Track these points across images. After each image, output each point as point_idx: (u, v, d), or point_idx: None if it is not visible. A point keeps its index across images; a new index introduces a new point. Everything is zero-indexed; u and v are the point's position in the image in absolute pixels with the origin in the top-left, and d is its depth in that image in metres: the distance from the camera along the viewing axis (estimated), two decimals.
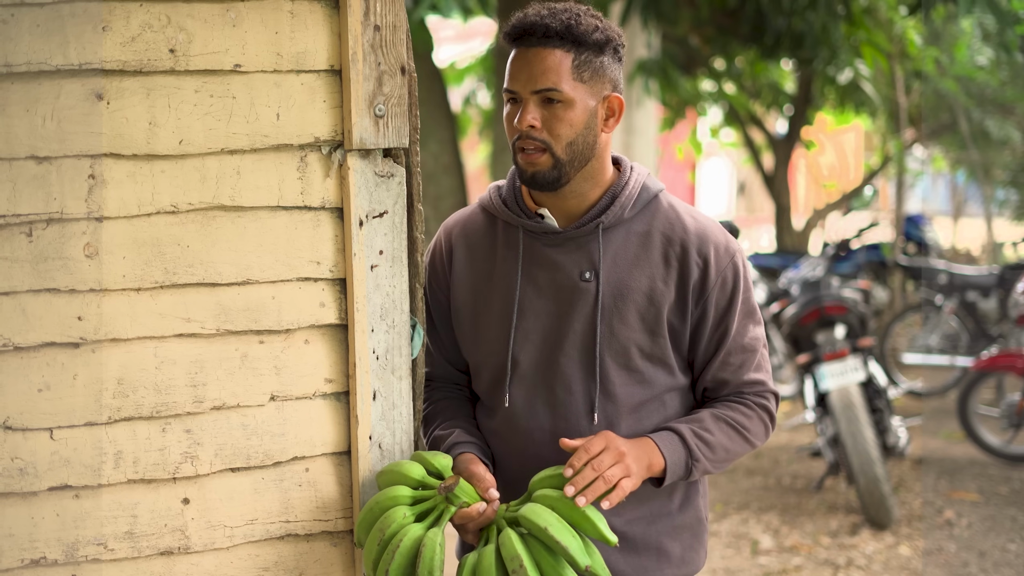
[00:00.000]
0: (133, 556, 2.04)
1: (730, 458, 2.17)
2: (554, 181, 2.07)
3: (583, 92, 2.04)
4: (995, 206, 15.89)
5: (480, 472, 2.06)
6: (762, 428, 2.20)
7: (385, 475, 2.08)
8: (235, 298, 2.07)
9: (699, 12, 8.25)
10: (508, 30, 2.07)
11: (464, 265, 2.22)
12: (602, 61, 2.06)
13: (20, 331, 1.95)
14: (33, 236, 1.95)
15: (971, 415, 6.74)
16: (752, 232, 19.64)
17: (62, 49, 1.94)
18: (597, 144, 2.09)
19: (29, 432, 1.96)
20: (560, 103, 2.03)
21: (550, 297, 2.13)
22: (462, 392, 2.30)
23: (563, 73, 2.02)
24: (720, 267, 2.12)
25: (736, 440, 2.16)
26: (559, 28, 2.02)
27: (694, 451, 2.10)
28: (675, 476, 2.09)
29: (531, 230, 2.15)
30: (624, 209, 2.12)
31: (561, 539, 1.91)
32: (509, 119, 2.09)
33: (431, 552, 1.95)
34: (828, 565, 5.18)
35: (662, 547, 2.17)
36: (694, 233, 2.13)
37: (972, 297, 8.78)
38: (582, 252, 2.12)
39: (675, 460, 2.08)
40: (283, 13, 2.07)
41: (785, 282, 7.44)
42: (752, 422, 2.18)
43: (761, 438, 2.21)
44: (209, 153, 2.04)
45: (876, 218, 15.20)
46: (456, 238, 2.25)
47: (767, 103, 12.57)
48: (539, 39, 2.03)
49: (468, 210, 2.30)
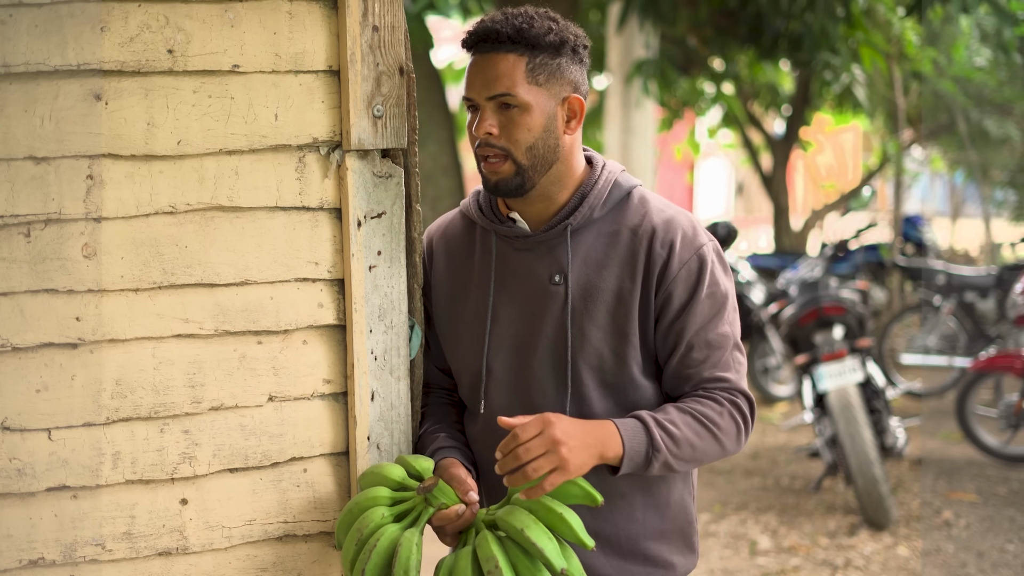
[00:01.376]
0: (131, 557, 2.04)
1: (697, 456, 2.04)
2: (518, 187, 2.06)
3: (539, 95, 2.03)
4: (993, 207, 15.91)
5: (460, 475, 2.05)
6: (734, 428, 2.07)
7: (366, 477, 2.08)
8: (233, 299, 2.07)
9: (697, 13, 8.25)
10: (464, 38, 2.07)
11: (443, 271, 2.22)
12: (559, 63, 2.04)
13: (18, 332, 1.95)
14: (31, 236, 1.95)
15: (969, 416, 6.74)
16: (750, 233, 19.65)
17: (60, 49, 1.93)
18: (560, 147, 2.07)
19: (27, 433, 1.96)
20: (516, 108, 2.02)
21: (522, 302, 2.12)
22: (451, 398, 2.29)
23: (517, 78, 2.01)
24: (684, 257, 2.07)
25: (704, 437, 2.04)
26: (511, 32, 2.01)
27: (656, 440, 1.99)
28: (633, 465, 1.99)
29: (504, 235, 2.14)
30: (593, 209, 2.10)
31: (537, 541, 1.90)
32: (469, 127, 2.08)
33: (407, 552, 1.95)
34: (826, 566, 5.18)
35: (649, 552, 2.14)
36: (660, 223, 2.09)
37: (970, 298, 8.78)
38: (552, 255, 2.10)
39: (635, 448, 1.98)
40: (281, 14, 2.07)
41: (783, 283, 7.45)
42: (723, 419, 2.06)
43: (733, 439, 2.08)
44: (207, 153, 2.04)
45: (874, 219, 15.22)
46: (436, 243, 2.25)
47: (765, 104, 12.58)
48: (492, 44, 2.02)
49: (450, 215, 2.29)
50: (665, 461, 2.01)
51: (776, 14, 7.42)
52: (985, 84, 11.77)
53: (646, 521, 2.14)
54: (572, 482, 1.96)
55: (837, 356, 5.86)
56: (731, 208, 23.31)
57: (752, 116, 13.06)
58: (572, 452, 1.91)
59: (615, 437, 1.97)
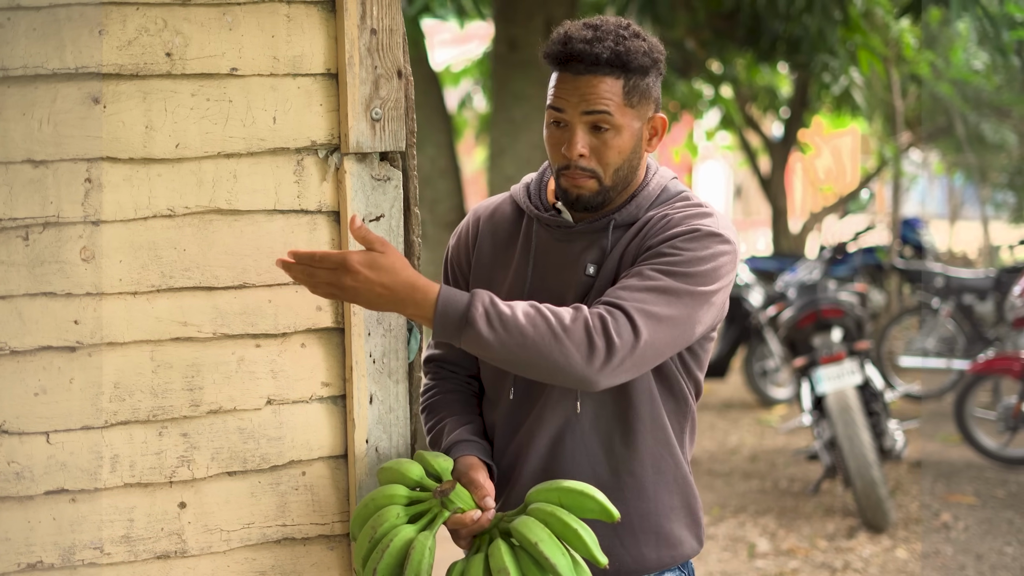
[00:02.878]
0: (130, 560, 2.03)
1: (527, 345, 1.89)
2: (598, 206, 2.07)
3: (631, 118, 2.03)
4: (991, 209, 15.93)
5: (479, 480, 2.05)
6: (584, 338, 1.89)
7: (385, 472, 2.08)
8: (232, 302, 2.07)
9: (695, 15, 8.26)
10: (553, 53, 2.03)
11: (487, 251, 2.22)
12: (648, 83, 2.04)
13: (16, 335, 1.95)
14: (29, 240, 1.95)
15: (968, 418, 6.74)
16: (749, 235, 19.65)
17: (58, 53, 1.93)
18: (641, 165, 2.10)
19: (25, 436, 1.96)
20: (609, 130, 2.01)
21: (555, 291, 2.12)
22: (472, 383, 2.28)
23: (615, 101, 2.00)
24: (673, 223, 2.04)
25: (541, 329, 1.89)
26: (609, 57, 1.98)
27: (475, 305, 1.89)
28: (444, 322, 1.91)
29: (547, 223, 2.15)
30: (640, 208, 2.10)
31: (551, 556, 1.91)
32: (555, 144, 2.05)
33: (420, 555, 1.95)
34: (825, 568, 5.18)
35: (661, 530, 2.14)
36: (679, 206, 2.08)
37: (969, 300, 8.79)
38: (591, 248, 2.11)
39: (449, 300, 1.91)
40: (279, 17, 2.07)
41: (782, 285, 7.45)
42: (575, 324, 1.90)
43: (582, 350, 1.89)
44: (206, 157, 2.04)
45: (873, 221, 15.20)
46: (484, 224, 2.25)
47: (763, 106, 12.58)
48: (588, 67, 1.99)
49: (500, 198, 2.29)
50: (479, 332, 1.89)
51: (774, 17, 7.42)
52: (983, 87, 11.78)
53: (658, 498, 2.14)
54: (589, 496, 1.97)
55: (835, 359, 5.86)
56: (729, 211, 23.32)
57: (750, 119, 13.06)
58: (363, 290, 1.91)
59: (431, 290, 1.92)
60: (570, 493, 1.99)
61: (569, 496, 1.99)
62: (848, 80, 8.28)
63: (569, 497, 1.99)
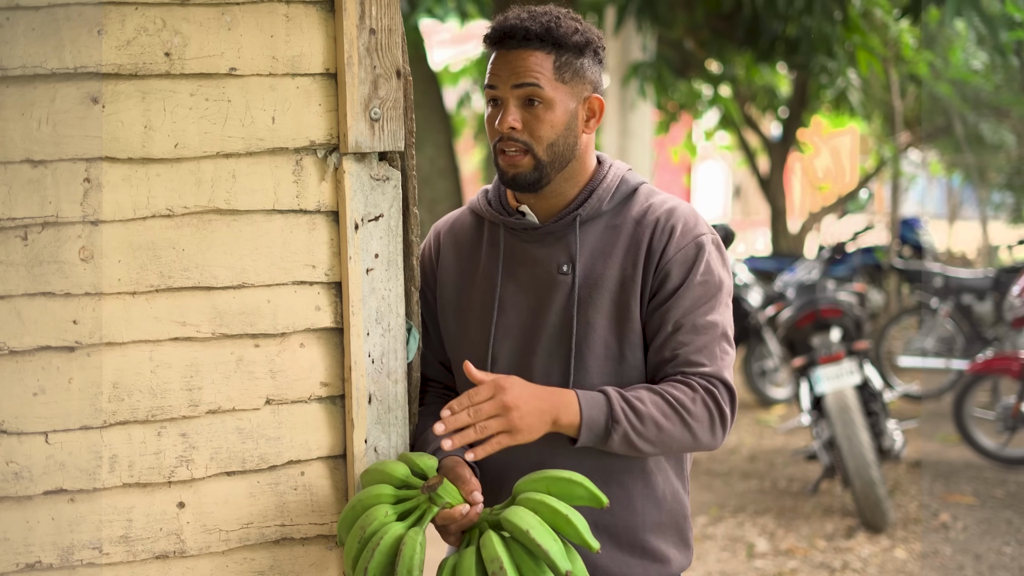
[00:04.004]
0: (128, 560, 2.03)
1: (663, 439, 2.01)
2: (535, 183, 2.09)
3: (564, 93, 2.07)
4: (990, 209, 15.93)
5: (465, 475, 2.05)
6: (706, 415, 2.03)
7: (369, 474, 2.08)
8: (230, 302, 2.07)
9: (694, 15, 8.25)
10: (489, 33, 2.09)
11: (450, 264, 2.24)
12: (582, 63, 2.08)
13: (15, 335, 1.94)
14: (28, 240, 1.95)
15: (967, 418, 6.75)
16: (748, 235, 19.65)
17: (57, 52, 1.93)
18: (578, 145, 2.11)
19: (24, 436, 1.96)
20: (541, 104, 2.05)
21: (529, 292, 2.14)
22: (450, 394, 2.29)
23: (544, 74, 2.05)
24: (682, 243, 2.10)
25: (672, 418, 2.01)
26: (539, 31, 2.04)
27: (616, 411, 1.98)
28: (591, 435, 1.99)
29: (512, 227, 2.17)
30: (601, 202, 2.14)
31: (542, 542, 1.91)
32: (490, 121, 2.10)
33: (411, 551, 1.94)
34: (824, 568, 5.18)
35: (647, 544, 2.15)
36: (663, 212, 2.13)
37: (967, 300, 8.79)
38: (560, 246, 2.13)
39: (593, 416, 1.98)
40: (278, 16, 2.07)
41: (781, 285, 7.45)
42: (695, 405, 2.02)
43: (705, 428, 2.04)
44: (204, 156, 2.04)
45: (871, 221, 15.21)
46: (444, 237, 2.28)
47: (762, 106, 12.59)
48: (519, 41, 2.05)
49: (458, 212, 2.33)
50: (625, 434, 2.00)
51: (773, 17, 7.42)
52: (982, 87, 11.78)
53: (645, 512, 2.15)
54: (577, 483, 1.97)
55: (834, 358, 5.86)
56: (728, 211, 23.31)
57: (749, 119, 13.07)
58: (523, 418, 1.94)
59: (573, 405, 1.99)
60: (558, 481, 1.99)
61: (557, 484, 1.99)
62: (845, 81, 8.28)
63: (557, 485, 1.99)
